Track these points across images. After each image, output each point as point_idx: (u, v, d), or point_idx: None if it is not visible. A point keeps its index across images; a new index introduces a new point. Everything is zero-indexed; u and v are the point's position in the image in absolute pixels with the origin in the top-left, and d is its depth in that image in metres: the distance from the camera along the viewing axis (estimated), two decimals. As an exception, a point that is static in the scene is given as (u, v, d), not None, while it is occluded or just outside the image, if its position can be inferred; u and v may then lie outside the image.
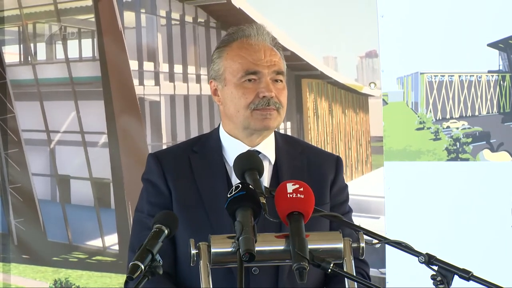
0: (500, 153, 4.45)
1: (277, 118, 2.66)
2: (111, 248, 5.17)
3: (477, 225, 4.39)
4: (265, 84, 2.63)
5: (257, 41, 2.67)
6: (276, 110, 2.64)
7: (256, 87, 2.63)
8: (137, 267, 2.00)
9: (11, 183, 5.28)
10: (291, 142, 2.81)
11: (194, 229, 2.57)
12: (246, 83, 2.65)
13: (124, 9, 5.13)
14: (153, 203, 2.69)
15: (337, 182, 2.77)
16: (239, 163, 2.29)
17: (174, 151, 2.82)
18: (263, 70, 2.64)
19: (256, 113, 2.64)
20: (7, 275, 5.25)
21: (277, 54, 2.68)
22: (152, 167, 2.73)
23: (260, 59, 2.65)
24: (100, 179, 5.20)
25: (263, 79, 2.64)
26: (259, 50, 2.66)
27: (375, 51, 4.69)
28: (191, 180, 2.68)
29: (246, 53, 2.66)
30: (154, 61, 5.14)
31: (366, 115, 4.82)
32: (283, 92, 2.67)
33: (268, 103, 2.62)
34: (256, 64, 2.64)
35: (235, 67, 2.67)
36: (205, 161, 2.70)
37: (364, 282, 2.04)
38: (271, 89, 2.62)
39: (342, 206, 2.77)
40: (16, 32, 5.32)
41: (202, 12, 5.14)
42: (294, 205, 2.08)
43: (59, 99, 5.26)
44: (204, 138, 2.79)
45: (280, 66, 2.67)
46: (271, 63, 2.65)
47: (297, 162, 2.74)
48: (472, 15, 4.41)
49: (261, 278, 2.60)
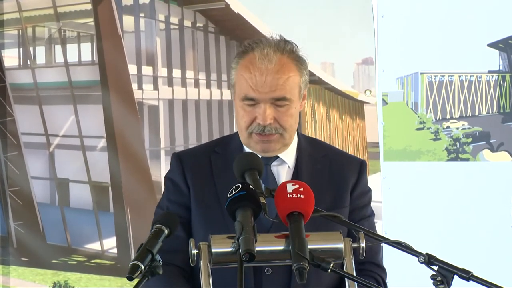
0: (500, 153, 4.45)
1: (280, 141, 2.64)
2: (109, 251, 5.16)
3: (477, 225, 4.40)
4: (262, 111, 2.59)
5: (261, 64, 2.60)
6: (278, 134, 2.62)
7: (255, 112, 2.61)
8: (137, 267, 2.00)
9: (10, 186, 5.27)
10: (315, 145, 2.80)
11: (210, 228, 2.56)
12: (246, 106, 2.62)
13: (123, 13, 5.13)
14: (173, 200, 2.73)
15: (359, 185, 2.75)
16: (239, 163, 2.29)
17: (196, 151, 2.86)
18: (260, 97, 2.59)
19: (254, 136, 2.64)
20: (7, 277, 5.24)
21: (283, 76, 2.61)
22: (174, 166, 2.76)
23: (260, 84, 2.59)
24: (99, 183, 5.19)
25: (261, 105, 2.60)
26: (261, 74, 2.60)
27: (371, 58, 4.70)
28: (210, 180, 2.70)
29: (248, 76, 2.61)
30: (153, 66, 5.13)
31: (363, 121, 4.83)
32: (286, 115, 2.62)
33: (263, 129, 2.61)
34: (254, 90, 2.60)
35: (238, 86, 2.65)
36: (225, 161, 2.70)
37: (364, 282, 2.05)
38: (265, 118, 2.59)
39: (364, 209, 2.76)
40: (15, 35, 5.31)
41: (201, 17, 5.14)
42: (294, 205, 2.09)
43: (58, 103, 5.26)
44: (227, 139, 2.81)
45: (283, 91, 2.60)
46: (272, 88, 2.59)
47: (318, 165, 2.73)
48: (472, 15, 4.42)
49: (274, 278, 2.61)
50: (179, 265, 2.62)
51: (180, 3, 5.11)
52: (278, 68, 2.61)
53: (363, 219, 2.71)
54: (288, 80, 2.61)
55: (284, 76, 2.61)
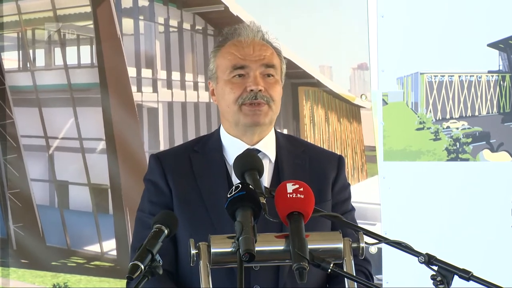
0: (500, 153, 4.46)
1: (268, 113, 2.66)
2: (109, 253, 5.16)
3: (477, 225, 4.40)
4: (253, 78, 2.63)
5: (247, 37, 2.67)
6: (267, 105, 2.64)
7: (245, 82, 2.64)
8: (137, 267, 2.00)
9: (10, 188, 5.26)
10: (293, 141, 2.82)
11: (194, 227, 2.58)
12: (235, 78, 2.65)
13: (123, 16, 5.13)
14: (154, 202, 2.71)
15: (339, 180, 2.77)
16: (239, 163, 2.29)
17: (175, 151, 2.84)
18: (251, 65, 2.64)
19: (244, 108, 2.64)
20: (6, 279, 5.23)
21: (268, 49, 2.68)
22: (153, 167, 2.75)
23: (249, 54, 2.65)
24: (98, 185, 5.19)
25: (251, 73, 2.64)
26: (248, 46, 2.66)
27: (365, 63, 4.71)
28: (192, 179, 2.69)
29: (235, 50, 2.66)
30: (152, 68, 5.14)
31: (359, 124, 4.84)
32: (275, 86, 2.66)
33: (255, 96, 2.62)
34: (243, 59, 2.64)
35: (225, 64, 2.67)
36: (205, 160, 2.71)
37: (364, 282, 2.05)
38: (258, 82, 2.62)
39: (344, 204, 2.78)
40: (15, 38, 5.31)
41: (200, 20, 5.15)
42: (294, 205, 2.09)
43: (58, 106, 5.25)
44: (205, 138, 2.80)
45: (270, 59, 2.66)
46: (261, 57, 2.65)
47: (298, 160, 2.74)
48: (472, 15, 4.42)
49: (261, 274, 2.60)
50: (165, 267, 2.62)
51: (179, 5, 5.12)
52: (263, 43, 2.69)
53: (345, 214, 2.72)
54: (273, 54, 2.69)
55: (269, 50, 2.69)
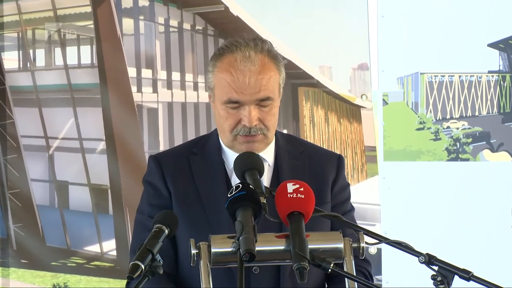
0: (500, 153, 4.46)
1: (264, 141, 2.64)
2: (109, 253, 5.16)
3: (477, 225, 4.40)
4: (247, 113, 2.58)
5: (244, 67, 2.58)
6: (262, 134, 2.62)
7: (239, 114, 2.59)
8: (137, 267, 2.00)
9: (10, 188, 5.26)
10: (292, 142, 2.80)
11: (193, 229, 2.58)
12: (230, 108, 2.60)
13: (123, 16, 5.13)
14: (153, 204, 2.70)
15: (339, 180, 2.76)
16: (239, 163, 2.29)
17: (173, 153, 2.82)
18: (245, 99, 2.58)
19: (239, 138, 2.62)
20: (6, 279, 5.23)
21: (265, 77, 2.60)
22: (152, 169, 2.74)
23: (244, 87, 2.58)
24: (98, 185, 5.19)
25: (246, 106, 2.58)
26: (244, 76, 2.58)
27: (366, 64, 4.71)
28: (191, 181, 2.68)
29: (230, 79, 2.59)
30: (152, 68, 5.14)
31: (360, 125, 4.84)
32: (269, 115, 2.62)
33: (249, 131, 2.59)
34: (238, 93, 2.58)
35: (220, 90, 2.62)
36: (204, 162, 2.70)
37: (364, 282, 2.05)
38: (251, 119, 2.58)
39: (344, 204, 2.77)
40: (15, 38, 5.31)
41: (200, 20, 5.15)
42: (294, 205, 2.09)
43: (58, 106, 5.25)
44: (204, 140, 2.79)
45: (267, 91, 2.60)
46: (256, 89, 2.58)
47: (297, 161, 2.73)
48: (472, 15, 4.43)
49: (262, 277, 2.60)
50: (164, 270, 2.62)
51: (180, 6, 5.12)
52: (260, 69, 2.59)
53: (345, 214, 2.71)
54: (270, 79, 2.61)
55: (266, 76, 2.60)
